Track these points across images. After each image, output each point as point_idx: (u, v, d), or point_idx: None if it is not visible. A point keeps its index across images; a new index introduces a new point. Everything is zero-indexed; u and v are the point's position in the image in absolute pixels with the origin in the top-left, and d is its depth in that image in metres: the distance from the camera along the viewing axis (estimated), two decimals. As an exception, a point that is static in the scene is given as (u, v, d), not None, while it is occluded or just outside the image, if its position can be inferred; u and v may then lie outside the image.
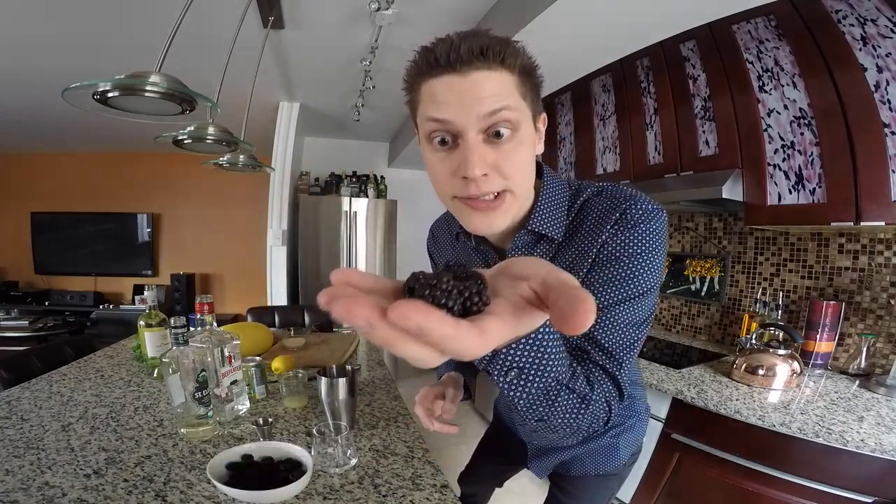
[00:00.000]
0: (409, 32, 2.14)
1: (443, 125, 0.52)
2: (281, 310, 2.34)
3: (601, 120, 2.29)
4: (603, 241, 0.58)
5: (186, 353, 0.94)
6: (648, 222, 0.57)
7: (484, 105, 0.50)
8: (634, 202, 0.58)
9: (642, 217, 0.57)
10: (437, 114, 0.52)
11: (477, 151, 0.51)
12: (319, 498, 0.75)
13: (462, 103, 0.50)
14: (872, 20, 1.27)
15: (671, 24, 1.67)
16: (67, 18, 1.96)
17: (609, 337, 0.55)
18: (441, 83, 0.51)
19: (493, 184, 0.54)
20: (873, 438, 1.04)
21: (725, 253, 1.98)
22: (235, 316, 4.26)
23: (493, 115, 0.51)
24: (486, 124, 0.52)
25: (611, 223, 0.58)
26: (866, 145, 1.29)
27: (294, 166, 3.51)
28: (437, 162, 0.56)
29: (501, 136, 0.52)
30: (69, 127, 3.60)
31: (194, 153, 1.54)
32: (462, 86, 0.50)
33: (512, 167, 0.54)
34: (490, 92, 0.50)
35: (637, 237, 0.56)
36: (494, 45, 0.50)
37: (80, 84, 0.84)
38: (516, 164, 0.54)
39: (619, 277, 0.56)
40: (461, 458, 1.20)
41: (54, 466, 0.80)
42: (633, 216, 0.57)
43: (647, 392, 1.56)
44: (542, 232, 0.62)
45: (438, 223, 0.87)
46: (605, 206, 0.60)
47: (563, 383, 0.45)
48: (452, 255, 0.80)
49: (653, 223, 0.57)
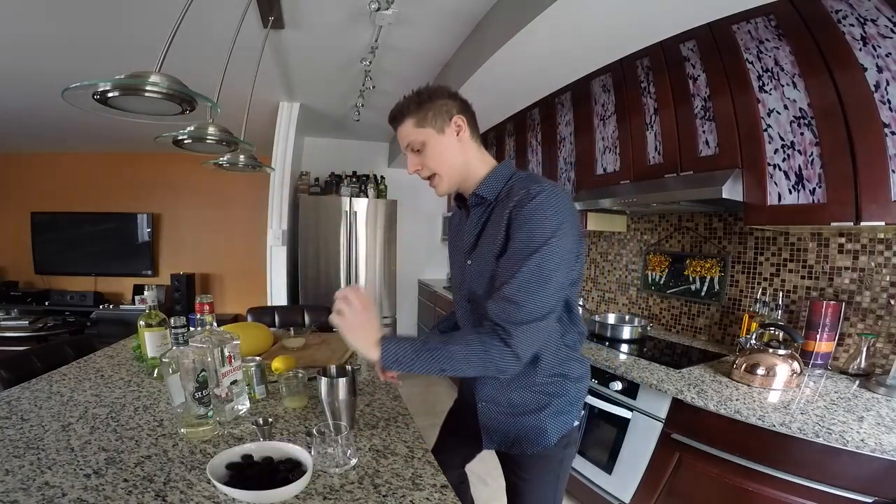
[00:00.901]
0: (409, 32, 2.14)
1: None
2: (281, 310, 2.34)
3: (601, 120, 2.29)
4: (511, 209, 0.86)
5: (186, 353, 0.94)
6: (540, 195, 0.83)
7: (404, 140, 0.97)
8: (538, 184, 0.86)
9: (538, 192, 0.84)
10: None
11: (410, 158, 0.99)
12: (319, 498, 0.75)
13: (399, 139, 0.99)
14: (872, 20, 1.27)
15: (671, 24, 1.67)
16: (67, 18, 1.96)
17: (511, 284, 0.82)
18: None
19: (424, 173, 0.99)
20: (873, 438, 1.04)
21: (725, 253, 1.98)
22: (235, 316, 4.27)
23: (408, 145, 0.97)
24: (408, 147, 0.97)
25: (518, 196, 0.86)
26: (866, 145, 1.29)
27: (294, 166, 3.52)
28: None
29: (418, 150, 0.96)
30: (69, 127, 3.60)
31: (194, 153, 1.54)
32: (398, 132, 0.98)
33: (430, 163, 0.96)
34: (403, 134, 0.97)
35: (531, 208, 0.83)
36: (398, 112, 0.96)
37: (80, 84, 0.84)
38: (431, 159, 0.96)
39: (519, 240, 0.84)
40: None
41: (54, 466, 0.80)
42: (532, 193, 0.84)
43: (647, 392, 1.57)
44: (482, 195, 0.96)
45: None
46: (519, 185, 0.90)
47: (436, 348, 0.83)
48: (452, 216, 1.17)
49: (543, 196, 0.83)
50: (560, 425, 1.00)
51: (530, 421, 0.99)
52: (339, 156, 4.35)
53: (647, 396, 1.58)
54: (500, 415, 1.02)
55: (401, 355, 0.83)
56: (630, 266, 2.53)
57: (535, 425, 0.99)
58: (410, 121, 0.93)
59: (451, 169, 0.96)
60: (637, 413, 1.61)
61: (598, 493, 1.75)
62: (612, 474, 1.69)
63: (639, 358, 1.77)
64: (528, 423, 0.99)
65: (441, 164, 0.95)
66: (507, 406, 1.00)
